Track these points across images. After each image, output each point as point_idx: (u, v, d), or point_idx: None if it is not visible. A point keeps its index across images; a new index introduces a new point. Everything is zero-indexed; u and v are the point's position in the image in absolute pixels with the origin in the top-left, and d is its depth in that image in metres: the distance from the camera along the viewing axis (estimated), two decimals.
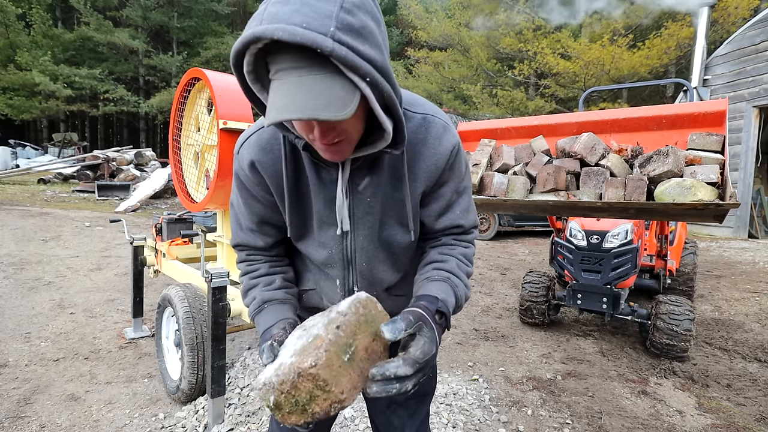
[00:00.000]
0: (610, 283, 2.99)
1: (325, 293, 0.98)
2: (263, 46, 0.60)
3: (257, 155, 0.85)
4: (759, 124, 8.32)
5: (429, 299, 0.78)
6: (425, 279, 0.86)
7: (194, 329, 2.08)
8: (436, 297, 0.79)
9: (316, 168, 0.84)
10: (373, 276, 0.93)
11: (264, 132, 0.86)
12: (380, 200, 0.86)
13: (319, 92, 0.60)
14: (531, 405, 2.35)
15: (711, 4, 8.16)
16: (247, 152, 0.86)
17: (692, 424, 2.21)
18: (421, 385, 0.94)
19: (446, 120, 0.86)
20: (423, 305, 0.75)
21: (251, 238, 0.95)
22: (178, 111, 2.44)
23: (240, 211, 0.94)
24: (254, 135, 0.87)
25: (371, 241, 0.89)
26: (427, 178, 0.85)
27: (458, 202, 0.91)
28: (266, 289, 0.92)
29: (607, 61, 10.14)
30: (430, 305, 0.76)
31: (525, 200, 2.14)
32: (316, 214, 0.88)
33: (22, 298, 3.74)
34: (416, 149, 0.83)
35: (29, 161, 15.66)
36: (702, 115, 2.02)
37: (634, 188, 1.90)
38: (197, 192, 2.38)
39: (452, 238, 0.93)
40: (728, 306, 4.10)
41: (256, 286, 0.93)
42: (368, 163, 0.82)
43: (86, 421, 2.08)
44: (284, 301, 0.91)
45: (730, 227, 8.31)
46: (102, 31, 20.95)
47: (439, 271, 0.86)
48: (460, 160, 0.88)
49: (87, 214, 8.22)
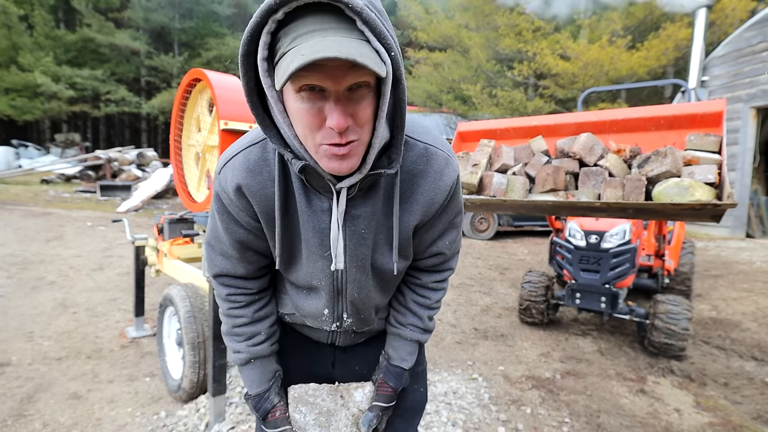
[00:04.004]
0: (609, 283, 3.01)
1: (309, 317, 0.91)
2: (282, 16, 0.55)
3: (244, 178, 0.75)
4: (756, 125, 8.33)
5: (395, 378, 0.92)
6: (398, 336, 0.95)
7: (196, 328, 2.10)
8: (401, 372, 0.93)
9: (306, 195, 0.76)
10: (363, 303, 0.88)
11: (251, 152, 0.75)
12: (374, 230, 0.80)
13: (350, 44, 0.54)
14: (530, 404, 2.36)
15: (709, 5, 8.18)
16: (233, 174, 0.76)
17: (690, 422, 2.22)
18: (412, 402, 0.99)
19: (449, 152, 0.80)
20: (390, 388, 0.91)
21: (231, 266, 0.85)
22: (180, 112, 2.47)
23: (219, 237, 0.84)
24: (240, 155, 0.76)
25: (363, 272, 0.83)
26: (423, 212, 0.80)
27: (449, 233, 0.89)
28: (251, 344, 0.87)
29: (605, 62, 10.16)
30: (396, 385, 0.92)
31: (524, 200, 2.15)
32: (305, 242, 0.80)
33: (25, 298, 3.76)
34: (414, 180, 0.78)
35: (32, 161, 15.70)
36: (700, 116, 2.04)
37: (632, 188, 1.91)
38: (198, 192, 2.41)
39: (431, 266, 0.93)
40: (725, 305, 4.12)
41: (240, 337, 0.87)
42: (363, 192, 0.75)
43: (89, 420, 2.09)
44: (270, 354, 0.90)
45: (728, 227, 8.33)
46: (104, 33, 20.99)
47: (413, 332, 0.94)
48: (458, 193, 0.85)
49: (89, 214, 8.25)
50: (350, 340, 0.97)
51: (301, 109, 0.61)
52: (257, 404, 0.88)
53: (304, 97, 0.60)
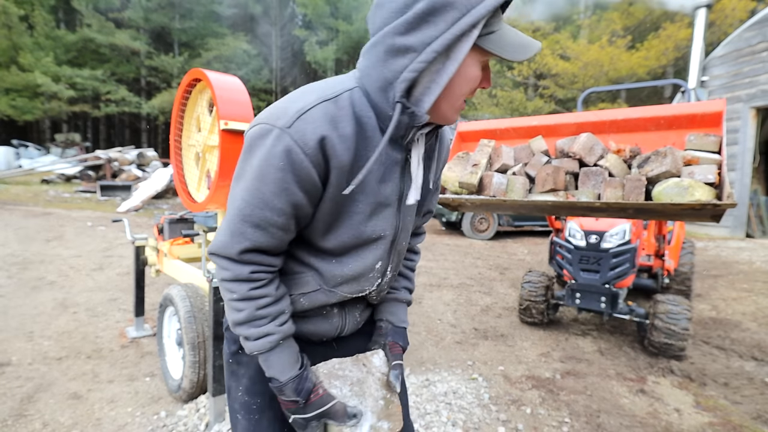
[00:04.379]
0: (609, 283, 3.01)
1: (349, 281, 0.86)
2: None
3: (329, 131, 0.71)
4: (756, 125, 8.34)
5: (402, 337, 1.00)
6: (395, 299, 1.03)
7: (196, 328, 2.10)
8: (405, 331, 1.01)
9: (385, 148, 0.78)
10: (401, 254, 0.93)
11: (328, 107, 0.72)
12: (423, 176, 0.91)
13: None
14: (530, 404, 2.36)
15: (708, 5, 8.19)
16: (314, 127, 0.70)
17: (689, 422, 2.22)
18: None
19: None
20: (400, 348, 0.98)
21: (265, 238, 0.75)
22: (180, 112, 2.47)
23: (265, 202, 0.73)
24: (317, 108, 0.71)
25: (412, 218, 0.91)
26: (438, 169, 0.95)
27: (437, 192, 1.03)
28: (279, 323, 0.80)
29: (605, 62, 10.17)
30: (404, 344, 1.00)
31: (524, 200, 2.15)
32: (372, 196, 0.79)
33: (25, 297, 3.76)
34: (440, 139, 0.91)
35: (32, 161, 15.71)
36: (700, 116, 2.04)
37: (632, 188, 1.92)
38: (198, 192, 2.41)
39: (418, 227, 1.06)
40: (725, 305, 4.12)
41: (266, 319, 0.78)
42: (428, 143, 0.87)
43: (89, 420, 2.09)
44: (293, 333, 0.84)
45: (728, 227, 8.33)
46: (104, 33, 21.02)
47: (407, 294, 1.05)
48: None
49: (89, 214, 8.25)
50: (354, 325, 0.98)
51: (476, 75, 0.75)
52: (298, 386, 0.79)
53: (482, 67, 0.75)
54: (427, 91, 0.72)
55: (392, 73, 0.71)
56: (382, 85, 0.72)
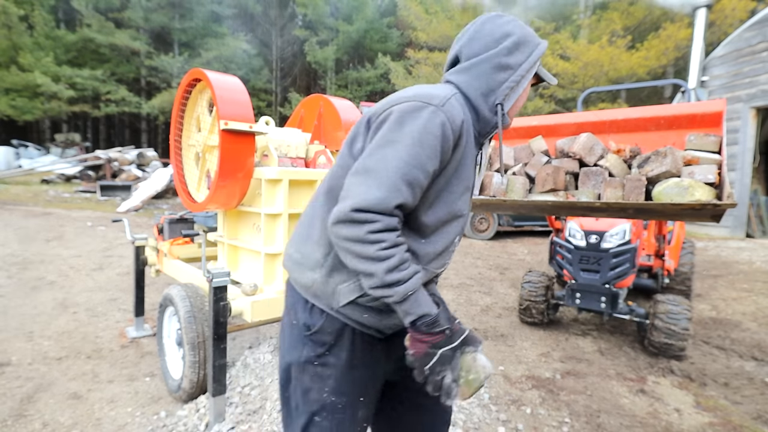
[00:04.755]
0: (609, 283, 3.01)
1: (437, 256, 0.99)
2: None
3: (466, 116, 0.92)
4: (756, 125, 8.34)
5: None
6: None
7: (195, 328, 2.10)
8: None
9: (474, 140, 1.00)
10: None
11: (457, 100, 0.92)
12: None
13: None
14: (530, 404, 2.36)
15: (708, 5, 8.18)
16: (457, 111, 0.88)
17: (690, 422, 2.22)
18: None
19: None
20: None
21: (411, 197, 0.85)
22: (180, 112, 2.46)
23: (420, 164, 0.83)
24: (453, 99, 0.90)
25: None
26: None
27: None
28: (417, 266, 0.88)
29: (605, 62, 10.16)
30: None
31: (524, 200, 2.15)
32: (465, 180, 0.96)
33: (25, 298, 3.76)
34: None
35: (32, 161, 15.70)
36: (700, 116, 2.04)
37: (632, 188, 1.91)
38: (198, 192, 2.41)
39: None
40: (725, 305, 4.12)
41: (409, 261, 0.86)
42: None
43: (88, 420, 2.09)
44: None
45: (728, 227, 8.33)
46: (104, 33, 21.01)
47: None
48: None
49: (89, 214, 8.25)
50: None
51: (527, 93, 1.05)
52: (447, 315, 0.90)
53: (531, 86, 1.07)
54: (509, 99, 0.98)
55: (496, 83, 0.96)
56: (485, 92, 0.97)
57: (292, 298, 1.01)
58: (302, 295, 0.98)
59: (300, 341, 0.96)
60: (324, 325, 0.95)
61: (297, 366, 0.97)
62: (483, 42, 0.96)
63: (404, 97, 0.89)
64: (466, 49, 0.99)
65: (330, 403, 0.95)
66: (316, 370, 0.95)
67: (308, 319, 0.96)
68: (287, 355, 0.99)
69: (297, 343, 0.97)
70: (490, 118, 0.97)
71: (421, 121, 0.84)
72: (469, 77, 0.97)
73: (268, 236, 2.12)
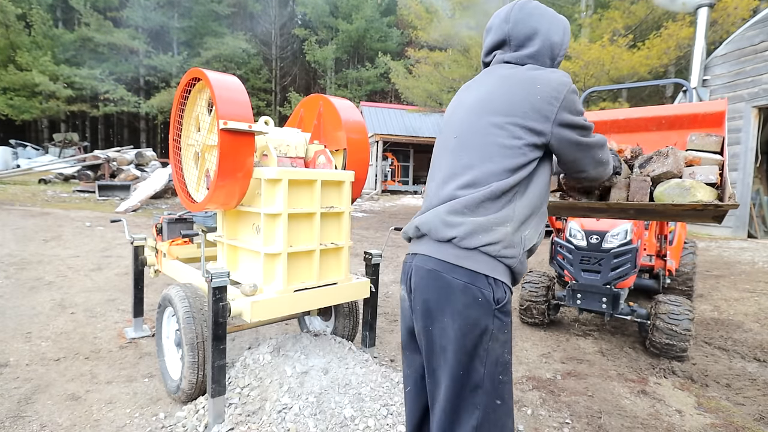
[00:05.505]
0: (610, 283, 3.00)
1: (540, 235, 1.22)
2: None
3: None
4: (758, 124, 8.32)
5: None
6: None
7: (195, 329, 2.09)
8: None
9: None
10: None
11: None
12: None
13: None
14: (531, 404, 2.35)
15: (710, 4, 8.16)
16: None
17: (691, 423, 2.21)
18: None
19: None
20: None
21: None
22: (179, 111, 2.45)
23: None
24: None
25: None
26: None
27: None
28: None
29: (606, 61, 10.13)
30: None
31: None
32: None
33: (23, 298, 3.75)
34: None
35: (30, 161, 15.69)
36: (701, 116, 2.02)
37: (637, 189, 1.89)
38: (198, 192, 2.39)
39: None
40: (727, 306, 4.11)
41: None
42: None
43: (87, 421, 2.08)
44: None
45: (730, 227, 8.32)
46: (102, 32, 20.99)
47: None
48: None
49: (88, 214, 8.24)
50: None
51: None
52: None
53: None
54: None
55: (551, 60, 1.27)
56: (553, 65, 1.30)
57: (464, 277, 1.08)
58: (480, 272, 1.07)
59: (488, 315, 1.07)
60: (509, 297, 1.11)
61: (487, 337, 1.07)
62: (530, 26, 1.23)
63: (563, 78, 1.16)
64: (515, 33, 1.24)
65: (509, 361, 1.11)
66: (506, 337, 1.09)
67: (495, 293, 1.07)
68: (473, 330, 1.07)
69: (484, 317, 1.06)
70: None
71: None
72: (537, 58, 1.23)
73: (267, 236, 2.11)
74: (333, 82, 29.11)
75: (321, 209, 2.24)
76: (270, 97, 29.75)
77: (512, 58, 1.24)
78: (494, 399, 1.08)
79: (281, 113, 28.94)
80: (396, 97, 23.46)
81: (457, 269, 1.08)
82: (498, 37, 1.27)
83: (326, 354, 2.36)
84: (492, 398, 1.08)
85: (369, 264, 2.57)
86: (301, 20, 31.84)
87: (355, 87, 29.16)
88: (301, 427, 1.92)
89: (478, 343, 1.06)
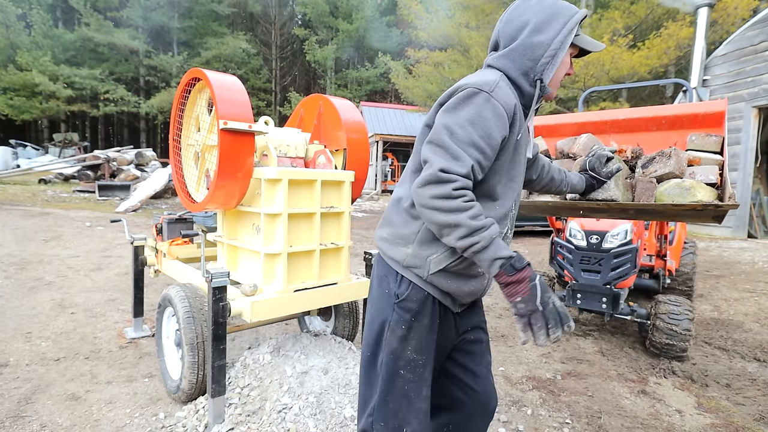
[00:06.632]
0: (610, 283, 3.00)
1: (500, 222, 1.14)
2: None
3: (515, 100, 1.05)
4: (758, 124, 8.32)
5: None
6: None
7: (195, 329, 2.09)
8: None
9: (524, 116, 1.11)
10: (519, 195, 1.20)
11: (505, 83, 1.05)
12: None
13: None
14: (531, 404, 2.35)
15: (710, 4, 8.16)
16: (508, 96, 1.02)
17: (691, 423, 2.21)
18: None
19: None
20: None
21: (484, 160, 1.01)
22: (179, 111, 2.45)
23: (489, 135, 0.99)
24: (501, 83, 1.03)
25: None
26: None
27: None
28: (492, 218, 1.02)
29: (606, 61, 10.13)
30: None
31: (525, 200, 2.14)
32: (523, 147, 1.13)
33: (22, 298, 3.75)
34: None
35: (30, 161, 15.69)
36: (701, 116, 2.02)
37: (643, 190, 1.89)
38: (198, 192, 2.39)
39: None
40: (727, 306, 4.11)
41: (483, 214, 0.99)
42: None
43: (87, 421, 2.08)
44: None
45: (730, 227, 8.32)
46: (102, 32, 20.98)
47: None
48: None
49: (88, 214, 8.24)
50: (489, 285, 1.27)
51: (568, 63, 1.15)
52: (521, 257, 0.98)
53: (571, 57, 1.17)
54: (548, 72, 1.08)
55: (532, 61, 1.07)
56: (525, 71, 1.08)
57: (383, 270, 1.18)
58: (393, 268, 1.14)
59: (389, 307, 1.12)
60: (410, 295, 1.11)
61: (386, 328, 1.12)
62: (514, 24, 1.10)
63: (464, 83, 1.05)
64: (502, 33, 1.13)
65: (412, 359, 1.11)
66: (401, 333, 1.10)
67: (398, 289, 1.12)
68: (377, 318, 1.15)
69: (386, 308, 1.13)
70: (532, 92, 1.09)
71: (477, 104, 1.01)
72: (508, 60, 1.10)
73: (267, 236, 2.11)
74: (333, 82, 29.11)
75: (321, 209, 2.24)
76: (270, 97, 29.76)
77: (487, 61, 1.15)
78: (390, 389, 1.12)
79: (281, 113, 28.94)
80: (396, 97, 23.47)
81: (382, 261, 1.20)
82: (493, 38, 1.16)
83: (326, 354, 2.36)
84: (387, 386, 1.12)
85: (369, 264, 2.57)
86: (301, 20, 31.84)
87: (355, 87, 29.17)
88: (301, 427, 1.92)
89: (380, 332, 1.14)
